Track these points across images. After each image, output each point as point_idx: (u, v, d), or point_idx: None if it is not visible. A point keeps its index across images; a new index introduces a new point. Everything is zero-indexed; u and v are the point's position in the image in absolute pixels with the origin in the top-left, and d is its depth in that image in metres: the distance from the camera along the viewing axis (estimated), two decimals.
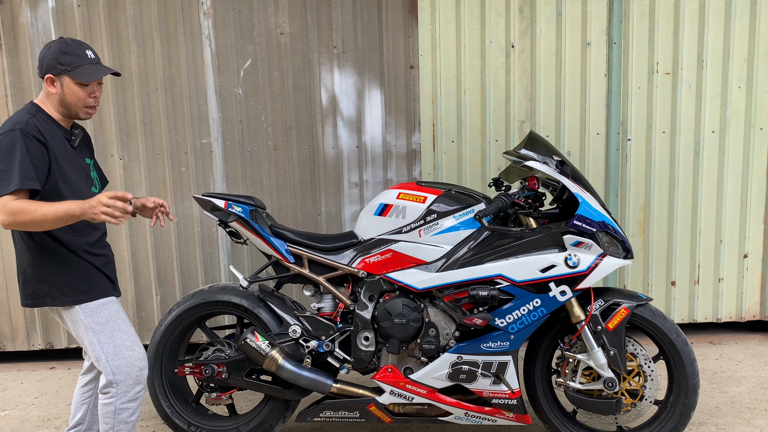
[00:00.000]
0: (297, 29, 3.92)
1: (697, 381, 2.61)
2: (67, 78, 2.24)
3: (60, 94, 2.26)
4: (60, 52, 2.23)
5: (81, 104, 2.29)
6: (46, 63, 2.25)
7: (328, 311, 2.83)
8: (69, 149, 2.31)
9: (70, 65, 2.23)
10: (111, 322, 2.32)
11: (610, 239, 2.56)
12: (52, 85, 2.26)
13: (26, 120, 2.17)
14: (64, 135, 2.32)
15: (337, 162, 4.02)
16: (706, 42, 3.86)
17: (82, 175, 2.36)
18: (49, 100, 2.30)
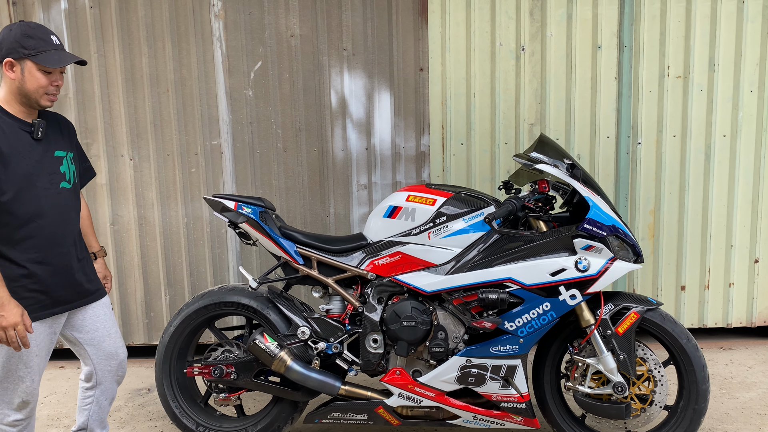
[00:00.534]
0: (307, 31, 3.93)
1: (707, 386, 2.60)
2: (30, 63, 2.10)
3: (19, 80, 2.12)
4: (23, 35, 2.10)
5: (42, 91, 2.15)
6: (5, 46, 2.10)
7: (336, 313, 2.83)
8: (27, 142, 2.16)
9: (34, 49, 2.10)
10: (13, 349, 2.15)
11: (621, 243, 2.55)
12: (11, 70, 2.10)
13: None
14: (22, 127, 2.17)
15: (346, 164, 4.03)
16: (717, 45, 3.84)
17: (45, 170, 2.20)
18: (7, 90, 2.15)
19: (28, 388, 2.23)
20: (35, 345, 2.21)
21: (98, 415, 2.54)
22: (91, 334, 2.41)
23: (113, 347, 2.46)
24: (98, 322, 2.42)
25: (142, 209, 4.06)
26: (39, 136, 2.20)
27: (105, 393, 2.51)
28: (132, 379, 3.88)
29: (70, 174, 2.33)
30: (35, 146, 2.20)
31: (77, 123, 3.98)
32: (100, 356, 2.44)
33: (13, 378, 2.21)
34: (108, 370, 2.48)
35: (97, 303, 2.43)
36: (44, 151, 2.23)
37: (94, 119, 3.99)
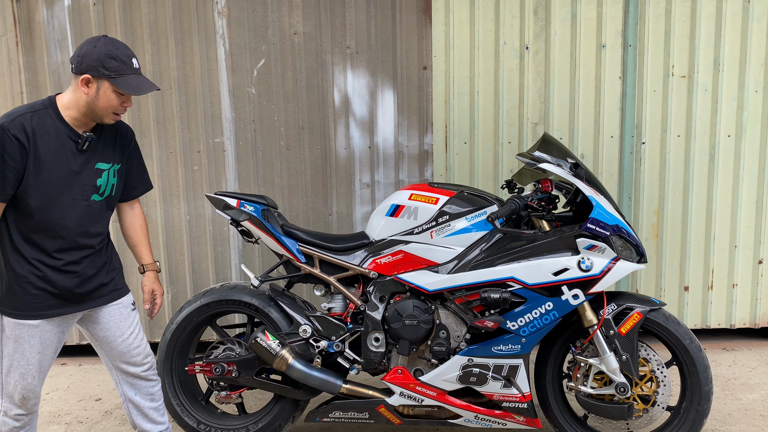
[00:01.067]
0: (311, 29, 3.92)
1: (710, 387, 2.58)
2: (107, 84, 2.10)
3: (92, 97, 2.11)
4: (107, 56, 2.09)
5: (110, 111, 2.15)
6: (87, 62, 2.08)
7: (338, 311, 2.83)
8: (70, 151, 2.16)
9: (114, 71, 2.09)
10: (18, 343, 2.18)
11: (624, 243, 2.54)
12: (87, 86, 2.10)
13: (16, 115, 2.06)
14: (70, 135, 2.16)
15: (348, 162, 4.02)
16: (722, 45, 3.82)
17: (79, 181, 2.19)
18: (74, 100, 2.14)
19: (29, 384, 2.23)
20: (39, 342, 2.20)
21: (139, 411, 2.50)
22: (104, 332, 2.38)
23: (126, 347, 2.40)
24: (112, 321, 2.37)
25: (145, 207, 4.05)
26: (83, 148, 2.19)
27: (133, 389, 2.47)
28: None
29: (106, 187, 2.29)
30: (77, 156, 2.18)
31: None
32: (113, 355, 2.41)
33: (14, 374, 2.21)
34: (123, 370, 2.43)
35: (113, 303, 2.38)
36: (85, 163, 2.21)
37: None
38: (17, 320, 2.17)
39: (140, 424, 2.53)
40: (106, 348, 2.41)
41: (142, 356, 2.45)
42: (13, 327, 2.18)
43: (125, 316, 2.41)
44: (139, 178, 2.49)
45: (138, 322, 2.47)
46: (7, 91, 3.95)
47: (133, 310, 2.46)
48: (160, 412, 2.55)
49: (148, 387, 2.49)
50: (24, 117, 2.07)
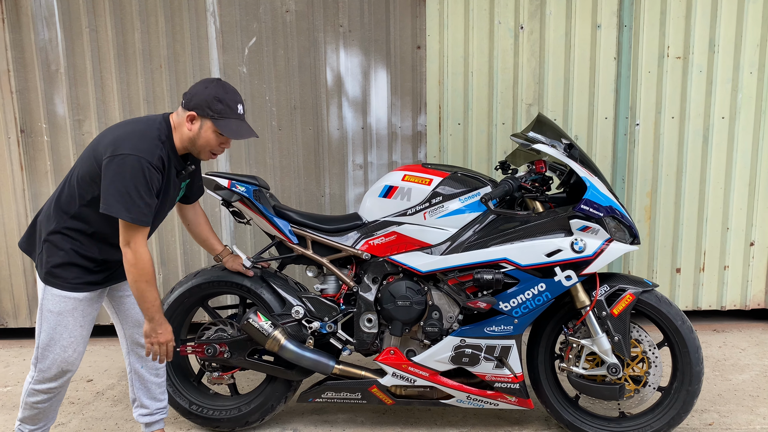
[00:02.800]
0: (303, 7, 3.86)
1: (701, 368, 2.60)
2: (209, 123, 2.23)
3: (195, 133, 2.24)
4: (214, 98, 2.22)
5: (207, 149, 2.29)
6: (196, 101, 2.23)
7: (331, 293, 2.82)
8: (173, 178, 2.31)
9: (218, 114, 2.22)
10: (61, 316, 2.26)
11: (617, 224, 2.53)
12: (191, 122, 2.24)
13: (154, 150, 2.15)
14: (177, 166, 2.32)
15: (341, 143, 3.99)
16: (718, 26, 3.79)
17: (169, 203, 2.37)
18: (179, 131, 2.27)
19: (69, 357, 2.29)
20: (81, 315, 2.29)
21: (142, 384, 2.58)
22: (123, 301, 2.47)
23: (141, 316, 2.46)
24: (129, 290, 2.46)
25: None
26: (184, 179, 2.40)
27: (141, 361, 2.55)
28: None
29: (177, 198, 2.49)
30: (176, 181, 2.35)
31: (69, 99, 3.92)
32: (128, 323, 2.50)
33: (55, 347, 2.27)
34: (135, 339, 2.52)
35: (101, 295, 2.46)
36: (179, 185, 2.40)
37: (86, 95, 3.93)
38: (64, 292, 2.24)
39: (140, 398, 2.59)
40: (122, 317, 2.51)
41: None
42: (59, 300, 2.24)
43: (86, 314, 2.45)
44: (198, 183, 2.63)
45: None
46: None
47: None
48: (161, 389, 2.62)
49: (155, 363, 2.56)
50: (161, 152, 2.18)
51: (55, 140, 3.98)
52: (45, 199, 4.03)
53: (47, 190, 4.01)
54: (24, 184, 4.01)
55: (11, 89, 3.91)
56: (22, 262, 4.10)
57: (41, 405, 2.36)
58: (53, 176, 4.00)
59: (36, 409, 2.37)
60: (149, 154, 2.14)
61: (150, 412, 2.61)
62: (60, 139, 3.97)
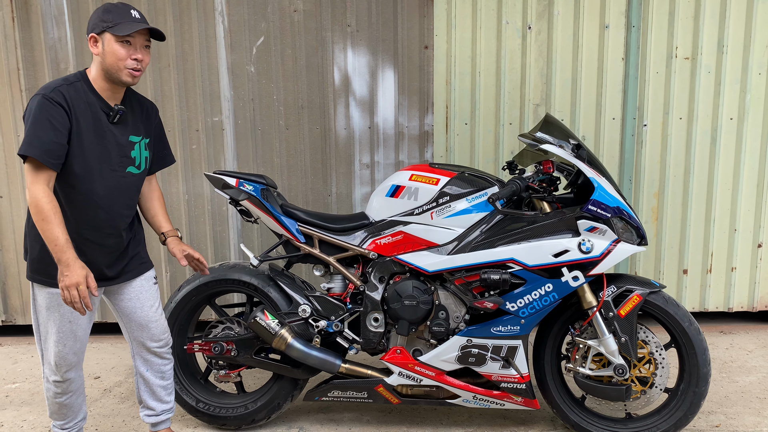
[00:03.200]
0: (311, 7, 3.87)
1: (708, 370, 2.59)
2: (108, 35, 2.15)
3: (101, 55, 2.17)
4: (104, 11, 2.17)
5: (121, 65, 2.16)
6: (91, 23, 2.19)
7: (337, 292, 2.83)
8: (103, 123, 2.22)
9: (111, 22, 2.15)
10: (49, 312, 2.27)
11: (625, 225, 2.53)
12: (95, 45, 2.17)
13: (54, 86, 2.13)
14: (103, 108, 2.23)
15: (348, 142, 3.99)
16: (727, 27, 3.78)
17: (112, 153, 2.26)
18: (95, 67, 2.21)
19: (61, 352, 2.30)
20: (69, 311, 2.27)
21: (147, 387, 2.57)
22: (127, 304, 2.45)
23: (144, 319, 2.47)
24: (134, 293, 2.45)
25: None
26: (115, 121, 2.26)
27: (146, 364, 2.54)
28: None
29: (140, 159, 2.38)
30: (111, 128, 2.25)
31: None
32: (132, 326, 2.48)
33: (48, 342, 2.31)
34: (140, 342, 2.50)
35: (139, 277, 2.46)
36: (119, 134, 2.28)
37: None
38: (48, 288, 2.24)
39: (146, 400, 2.59)
40: (126, 320, 2.48)
41: (160, 331, 2.52)
42: (45, 296, 2.26)
43: (147, 289, 2.48)
44: (164, 151, 2.56)
45: (158, 296, 2.54)
46: (3, 68, 3.91)
47: (155, 284, 2.54)
48: (167, 391, 2.61)
49: (160, 365, 2.56)
50: (61, 87, 2.14)
51: None
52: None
53: None
54: None
55: (21, 87, 3.93)
56: None
57: (58, 399, 2.39)
58: None
59: (56, 404, 2.40)
60: (46, 89, 2.11)
61: (156, 413, 2.61)
62: None
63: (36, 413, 3.13)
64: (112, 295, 2.46)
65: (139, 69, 2.21)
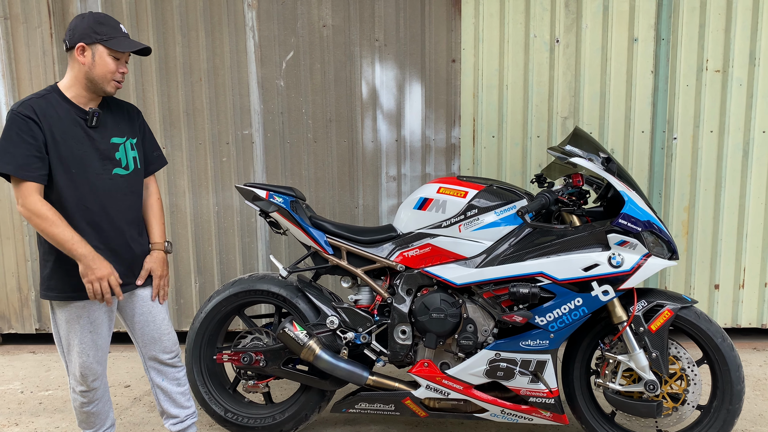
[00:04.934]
0: (339, 22, 3.92)
1: (742, 387, 2.54)
2: (101, 47, 2.19)
3: (89, 65, 2.19)
4: (96, 22, 2.19)
5: (110, 77, 2.23)
6: (78, 32, 2.18)
7: (365, 303, 2.84)
8: (81, 129, 2.23)
9: (105, 35, 2.19)
10: (69, 324, 2.29)
11: (656, 239, 2.50)
12: (83, 54, 2.18)
13: (24, 100, 2.17)
14: (77, 114, 2.24)
15: (375, 155, 4.02)
16: (759, 39, 3.74)
17: (94, 158, 2.25)
18: (72, 75, 2.23)
19: (85, 363, 2.32)
20: (89, 322, 2.30)
21: (166, 396, 2.57)
22: (138, 317, 2.45)
23: (157, 332, 2.46)
24: (144, 306, 2.44)
25: (174, 197, 4.11)
26: (92, 124, 2.26)
27: (161, 375, 2.54)
28: None
29: (127, 160, 2.37)
30: (89, 132, 2.26)
31: None
32: (144, 340, 2.48)
33: (71, 353, 2.32)
34: (153, 356, 2.50)
35: (148, 288, 2.45)
36: (99, 138, 2.28)
37: None
38: (64, 302, 2.27)
39: (167, 409, 2.59)
40: (138, 333, 2.48)
41: (171, 343, 2.52)
42: (63, 311, 2.29)
43: (157, 302, 2.48)
44: (154, 153, 2.56)
45: (167, 309, 2.54)
46: (42, 82, 4.02)
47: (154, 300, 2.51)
48: (186, 396, 2.61)
49: (174, 372, 2.56)
50: (30, 101, 2.17)
51: None
52: None
53: None
54: None
55: None
56: None
57: (85, 408, 2.42)
58: None
59: (83, 413, 2.44)
60: (16, 105, 2.15)
61: (180, 419, 2.60)
62: None
63: (68, 420, 3.19)
64: (125, 310, 2.45)
65: (122, 81, 2.29)
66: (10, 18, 3.98)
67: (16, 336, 4.41)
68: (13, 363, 4.05)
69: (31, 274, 4.22)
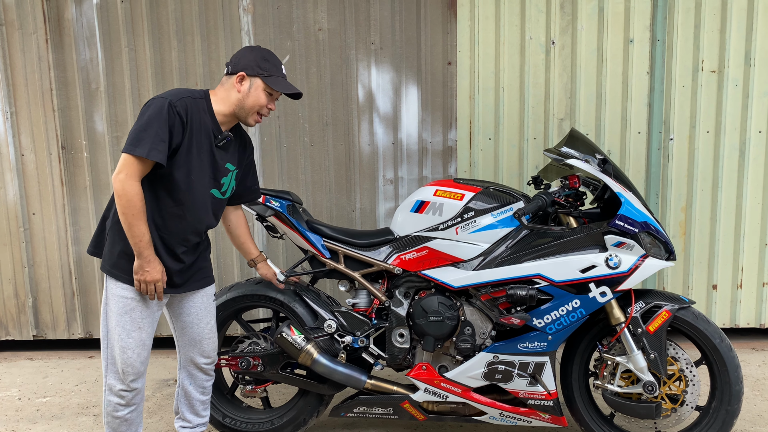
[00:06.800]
0: (335, 25, 3.92)
1: (741, 387, 2.54)
2: (259, 81, 2.31)
3: (244, 94, 2.31)
4: (262, 58, 2.32)
5: (256, 110, 2.35)
6: (244, 62, 2.31)
7: (363, 307, 2.83)
8: (210, 144, 2.32)
9: (267, 72, 2.31)
10: (120, 316, 2.29)
11: (653, 240, 2.50)
12: (241, 83, 2.30)
13: (181, 96, 2.22)
14: (214, 130, 2.33)
15: (372, 158, 4.02)
16: (754, 39, 3.75)
17: (208, 172, 2.35)
18: (223, 96, 2.33)
19: (129, 358, 2.30)
20: (139, 317, 2.31)
21: (186, 400, 2.62)
22: (185, 318, 2.50)
23: (198, 335, 2.53)
24: (192, 308, 2.50)
25: None
26: (219, 145, 2.36)
27: (190, 378, 2.59)
28: (159, 369, 3.93)
29: (227, 187, 2.46)
30: (213, 150, 2.34)
31: (108, 116, 4.03)
32: (184, 340, 2.54)
33: (115, 347, 2.31)
34: (190, 357, 2.55)
35: (200, 291, 2.51)
36: (219, 159, 2.38)
37: (125, 112, 4.04)
38: (125, 285, 2.27)
39: (183, 412, 2.63)
40: (180, 333, 2.54)
41: (211, 348, 2.59)
42: (117, 300, 2.28)
43: (206, 305, 2.54)
44: (253, 187, 2.67)
45: (214, 314, 2.60)
46: (37, 88, 4.02)
47: (214, 301, 2.61)
48: (204, 406, 2.66)
49: (203, 380, 2.61)
50: (187, 99, 2.24)
51: (94, 156, 4.09)
52: (84, 213, 4.13)
53: (86, 205, 4.12)
54: (64, 198, 4.13)
55: (53, 107, 4.04)
56: (61, 275, 4.20)
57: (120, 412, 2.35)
58: (92, 191, 4.11)
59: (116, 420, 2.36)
60: (172, 96, 2.20)
61: (191, 426, 2.65)
62: (99, 156, 4.08)
63: (66, 427, 3.18)
64: (174, 308, 2.51)
65: (266, 115, 2.41)
66: (6, 24, 3.98)
67: (14, 343, 4.39)
68: (10, 370, 4.04)
69: (28, 281, 4.21)
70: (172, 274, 2.36)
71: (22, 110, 4.06)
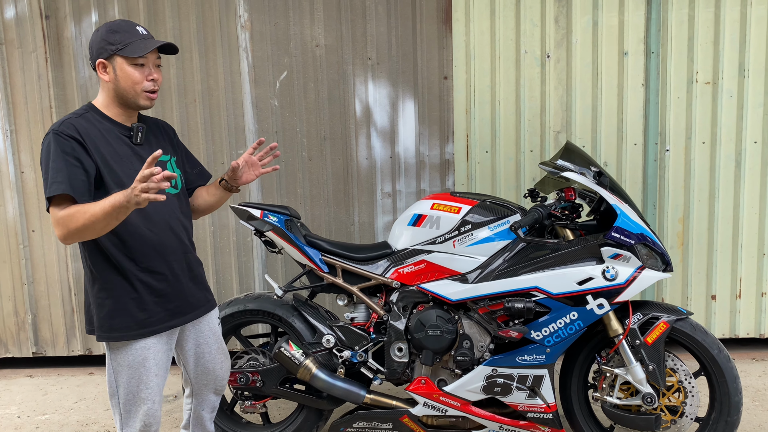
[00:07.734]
0: (332, 41, 3.96)
1: (740, 398, 2.54)
2: (119, 59, 2.00)
3: (113, 80, 2.02)
4: (108, 32, 2.01)
5: (138, 88, 2.04)
6: (95, 48, 2.02)
7: (361, 321, 2.84)
8: (126, 147, 2.07)
9: (120, 43, 1.99)
10: (133, 369, 2.08)
11: (649, 252, 2.51)
12: (105, 71, 2.02)
13: (63, 121, 1.99)
14: (121, 132, 2.08)
15: (370, 172, 4.04)
16: (747, 51, 3.78)
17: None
18: (105, 94, 2.07)
19: (149, 410, 2.13)
20: (154, 364, 2.12)
21: (197, 422, 2.48)
22: (196, 349, 2.33)
23: (211, 363, 2.37)
24: (200, 338, 2.33)
25: None
26: (138, 140, 2.12)
27: (202, 404, 2.45)
28: None
29: (175, 179, 2.21)
30: (136, 151, 2.10)
31: None
32: (198, 370, 2.37)
33: (134, 400, 2.11)
34: (204, 384, 2.40)
35: (205, 317, 2.33)
36: (145, 155, 2.07)
37: None
38: (129, 342, 2.07)
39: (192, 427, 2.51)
40: (192, 365, 2.36)
41: (225, 371, 2.44)
42: (125, 354, 2.08)
43: (213, 332, 2.38)
44: (198, 167, 2.44)
45: (221, 335, 2.44)
46: (37, 106, 4.05)
47: (219, 325, 2.43)
48: (211, 422, 2.53)
49: (214, 402, 2.48)
50: (71, 120, 2.00)
51: None
52: None
53: None
54: None
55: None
56: (60, 292, 4.21)
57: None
58: None
59: None
60: (55, 126, 1.97)
61: None
62: None
63: None
64: (181, 344, 2.31)
65: (155, 90, 2.09)
66: (5, 43, 4.02)
67: (13, 360, 4.38)
68: (9, 387, 4.03)
69: (27, 298, 4.21)
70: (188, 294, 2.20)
71: (21, 128, 4.08)
